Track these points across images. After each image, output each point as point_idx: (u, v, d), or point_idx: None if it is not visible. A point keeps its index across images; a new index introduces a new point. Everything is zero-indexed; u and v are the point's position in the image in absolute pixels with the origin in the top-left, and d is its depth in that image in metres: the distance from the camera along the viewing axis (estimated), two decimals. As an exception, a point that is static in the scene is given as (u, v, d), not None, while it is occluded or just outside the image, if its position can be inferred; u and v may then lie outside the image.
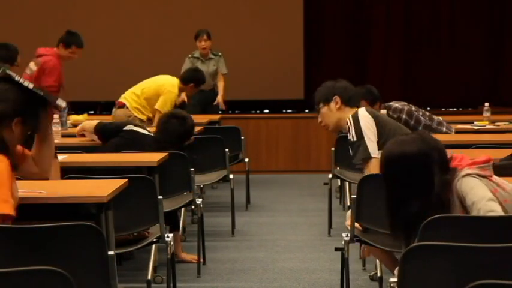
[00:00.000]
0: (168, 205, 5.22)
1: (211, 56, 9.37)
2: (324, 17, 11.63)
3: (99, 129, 6.01)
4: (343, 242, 4.49)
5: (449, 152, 3.41)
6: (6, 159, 3.28)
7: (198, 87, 8.31)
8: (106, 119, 6.23)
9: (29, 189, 3.72)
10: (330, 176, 6.93)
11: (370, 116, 4.77)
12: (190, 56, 9.43)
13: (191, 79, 8.18)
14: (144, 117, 8.07)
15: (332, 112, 5.01)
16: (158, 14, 11.14)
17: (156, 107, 7.95)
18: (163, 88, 8.07)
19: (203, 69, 9.26)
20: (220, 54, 9.42)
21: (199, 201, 5.72)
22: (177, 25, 10.75)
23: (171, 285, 4.88)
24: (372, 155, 4.64)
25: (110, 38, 11.33)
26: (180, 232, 6.28)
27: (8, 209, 3.20)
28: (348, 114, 4.87)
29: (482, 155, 3.46)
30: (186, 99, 8.39)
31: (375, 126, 4.73)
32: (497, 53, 11.35)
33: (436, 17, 11.56)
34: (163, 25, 10.93)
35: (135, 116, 8.02)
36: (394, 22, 11.58)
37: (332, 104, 5.01)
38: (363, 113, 4.79)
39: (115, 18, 11.36)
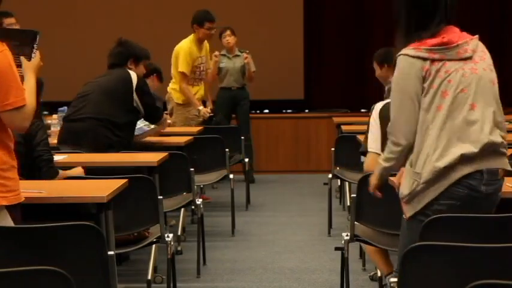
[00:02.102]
0: (168, 205, 5.23)
1: (237, 53, 9.29)
2: (324, 17, 11.62)
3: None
4: (343, 242, 4.50)
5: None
6: (5, 46, 3.28)
7: (213, 25, 8.18)
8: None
9: (29, 189, 3.72)
10: (330, 176, 6.93)
11: (379, 111, 4.74)
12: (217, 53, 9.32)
13: (202, 17, 8.14)
14: (180, 100, 8.08)
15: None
16: (158, 14, 11.14)
17: (179, 70, 7.99)
18: (176, 51, 8.12)
19: (229, 66, 9.22)
20: (247, 51, 9.35)
21: (199, 201, 5.72)
22: (177, 25, 10.73)
23: (171, 285, 4.89)
24: (369, 149, 4.68)
25: (110, 38, 11.32)
26: (180, 232, 6.28)
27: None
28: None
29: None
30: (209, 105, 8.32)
31: (378, 121, 4.73)
32: (497, 53, 11.33)
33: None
34: (164, 26, 10.92)
35: (176, 103, 8.10)
36: (394, 22, 11.57)
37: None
38: (378, 105, 4.79)
39: (115, 18, 11.36)
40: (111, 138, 5.68)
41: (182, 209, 6.14)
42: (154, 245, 5.03)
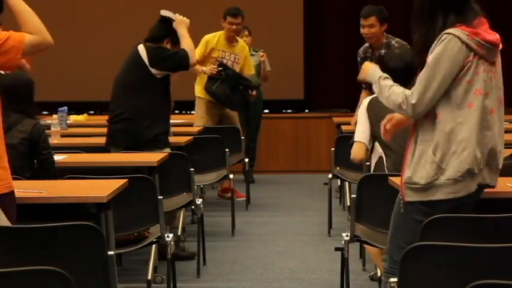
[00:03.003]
0: (168, 205, 5.22)
1: (252, 52, 9.25)
2: (324, 17, 11.62)
3: None
4: (343, 242, 4.50)
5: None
6: None
7: (234, 20, 8.15)
8: (106, 119, 6.20)
9: (29, 189, 3.72)
10: (330, 176, 6.92)
11: (366, 106, 4.81)
12: None
13: (226, 11, 8.21)
14: (200, 93, 8.12)
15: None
16: (158, 14, 11.13)
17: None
18: None
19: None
20: (262, 50, 9.32)
21: (199, 201, 5.72)
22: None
23: (171, 285, 4.89)
24: (355, 139, 4.74)
25: (110, 38, 11.33)
26: (180, 232, 6.28)
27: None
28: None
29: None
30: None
31: (366, 114, 4.79)
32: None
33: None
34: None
35: (197, 97, 8.18)
36: (394, 22, 11.57)
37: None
38: (366, 100, 4.87)
39: (115, 18, 11.36)
40: (145, 134, 5.66)
41: (182, 209, 6.14)
42: (154, 245, 5.04)
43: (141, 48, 5.74)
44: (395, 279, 3.11)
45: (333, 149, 7.04)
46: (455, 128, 3.34)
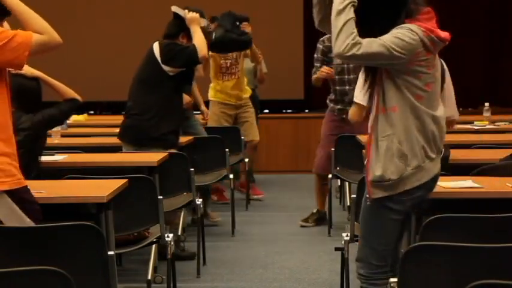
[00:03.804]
0: (168, 205, 5.22)
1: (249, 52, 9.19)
2: (324, 17, 11.62)
3: None
4: (343, 242, 4.50)
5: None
6: None
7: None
8: (106, 118, 6.21)
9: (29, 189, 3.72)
10: (330, 176, 6.93)
11: None
12: None
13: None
14: (213, 97, 8.15)
15: None
16: (158, 13, 11.12)
17: None
18: None
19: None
20: (259, 52, 9.23)
21: (199, 201, 5.72)
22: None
23: (171, 285, 4.89)
24: (354, 99, 4.73)
25: (110, 38, 11.33)
26: (180, 232, 6.28)
27: None
28: None
29: (481, 154, 3.51)
30: None
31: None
32: (497, 53, 11.34)
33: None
34: (163, 24, 10.91)
35: (210, 100, 8.20)
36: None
37: None
38: None
39: (115, 18, 11.36)
40: (151, 132, 5.65)
41: (182, 209, 6.14)
42: (154, 245, 5.04)
43: (156, 46, 5.77)
44: (395, 279, 3.12)
45: (333, 149, 7.04)
46: (411, 119, 3.39)
